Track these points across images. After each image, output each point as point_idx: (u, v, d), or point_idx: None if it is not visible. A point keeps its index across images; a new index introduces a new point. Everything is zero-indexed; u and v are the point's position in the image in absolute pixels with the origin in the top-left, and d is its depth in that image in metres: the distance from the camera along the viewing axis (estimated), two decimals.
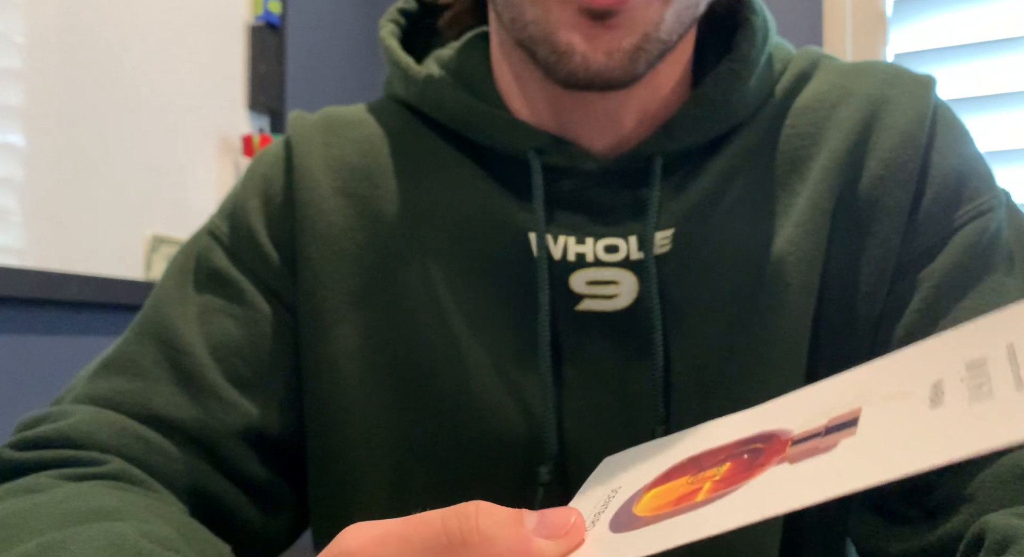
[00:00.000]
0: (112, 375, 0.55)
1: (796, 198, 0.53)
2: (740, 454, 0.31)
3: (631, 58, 0.48)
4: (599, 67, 0.48)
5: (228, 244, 0.58)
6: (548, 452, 0.52)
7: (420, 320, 0.54)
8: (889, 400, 0.28)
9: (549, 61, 0.49)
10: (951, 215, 0.53)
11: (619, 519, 0.31)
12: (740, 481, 0.28)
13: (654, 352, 0.52)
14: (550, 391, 0.52)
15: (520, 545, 0.28)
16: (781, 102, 0.56)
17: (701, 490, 0.29)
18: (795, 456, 0.28)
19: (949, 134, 0.55)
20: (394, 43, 0.60)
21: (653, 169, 0.53)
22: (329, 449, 0.56)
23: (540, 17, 0.49)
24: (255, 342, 0.56)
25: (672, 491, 0.31)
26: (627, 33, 0.48)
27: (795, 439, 0.29)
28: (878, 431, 0.26)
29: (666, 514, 0.29)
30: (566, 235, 0.53)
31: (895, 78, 0.56)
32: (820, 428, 0.29)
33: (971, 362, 0.26)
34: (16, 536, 0.40)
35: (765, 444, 0.30)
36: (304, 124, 0.60)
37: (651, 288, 0.52)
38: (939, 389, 0.26)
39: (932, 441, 0.24)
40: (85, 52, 1.52)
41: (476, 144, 0.56)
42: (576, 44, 0.48)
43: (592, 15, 0.47)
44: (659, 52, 0.50)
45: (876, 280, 0.53)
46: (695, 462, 0.33)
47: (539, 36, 0.49)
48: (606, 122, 0.55)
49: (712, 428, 0.36)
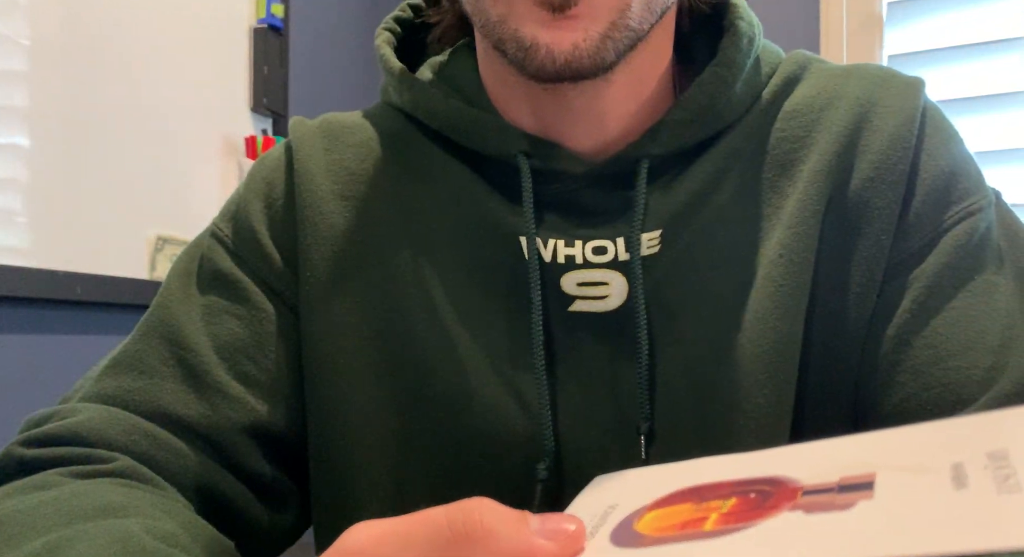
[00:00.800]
0: (119, 374, 0.55)
1: (786, 201, 0.54)
2: (746, 492, 0.30)
3: (597, 47, 0.49)
4: (566, 57, 0.48)
5: (231, 246, 0.59)
6: (545, 449, 0.52)
7: (417, 321, 0.55)
8: (906, 472, 0.27)
9: (518, 57, 0.50)
10: (941, 216, 0.53)
11: (620, 534, 0.31)
12: (751, 519, 0.28)
13: (640, 351, 0.52)
14: (545, 389, 0.53)
15: (522, 542, 0.28)
16: (769, 106, 0.56)
17: (708, 519, 0.29)
18: (808, 506, 0.27)
19: (938, 135, 0.55)
20: (388, 51, 0.61)
21: (639, 172, 0.54)
22: (329, 447, 0.57)
23: (504, 15, 0.49)
24: (260, 341, 0.57)
25: (676, 515, 0.31)
26: (591, 22, 0.48)
27: (806, 489, 0.29)
28: (899, 501, 0.26)
29: (673, 537, 0.29)
30: (555, 238, 0.54)
31: (884, 81, 0.56)
32: (832, 484, 0.28)
33: (993, 452, 0.26)
34: (24, 533, 0.41)
35: (773, 488, 0.30)
36: (304, 130, 0.61)
37: (637, 289, 0.52)
38: (961, 471, 0.26)
39: (963, 525, 0.23)
40: (89, 54, 1.53)
41: (468, 149, 0.57)
42: (539, 37, 0.48)
43: (551, 8, 0.48)
44: (629, 40, 0.50)
45: (867, 281, 0.53)
46: (696, 492, 0.32)
47: (506, 34, 0.50)
48: (589, 121, 0.55)
49: (711, 463, 0.35)
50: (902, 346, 0.52)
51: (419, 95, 0.58)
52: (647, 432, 0.52)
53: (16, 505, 0.44)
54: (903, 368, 0.52)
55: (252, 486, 0.56)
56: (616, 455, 0.53)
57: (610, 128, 0.55)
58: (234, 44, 1.87)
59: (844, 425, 0.54)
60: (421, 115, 0.58)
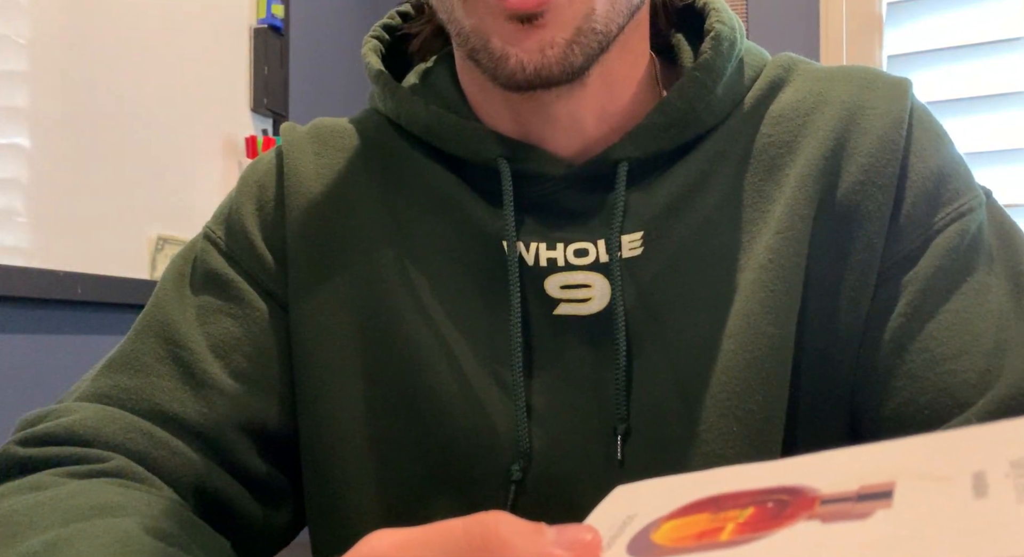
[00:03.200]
0: (115, 373, 0.56)
1: (773, 205, 0.54)
2: (764, 502, 0.30)
3: (564, 53, 0.49)
4: (535, 66, 0.49)
5: (224, 247, 0.60)
6: (520, 450, 0.53)
7: (401, 322, 0.56)
8: (926, 480, 0.27)
9: (490, 67, 0.51)
10: (931, 218, 0.53)
11: (637, 544, 0.31)
12: (767, 528, 0.28)
13: (618, 352, 0.52)
14: (521, 391, 0.53)
15: (539, 553, 0.28)
16: (754, 109, 0.56)
17: (724, 529, 0.29)
18: (826, 516, 0.27)
19: (926, 137, 0.55)
20: (374, 58, 0.62)
21: (619, 174, 0.54)
22: (317, 444, 0.57)
23: (476, 26, 0.50)
24: (254, 339, 0.58)
25: (693, 525, 0.31)
26: (558, 30, 0.49)
27: (824, 498, 0.29)
28: (918, 510, 0.26)
29: (689, 547, 0.29)
30: (537, 241, 0.54)
31: (870, 83, 0.56)
32: (851, 493, 0.28)
33: (1016, 460, 0.26)
34: (21, 533, 0.41)
35: (791, 497, 0.30)
36: (295, 135, 0.63)
37: (617, 290, 0.52)
38: (982, 480, 0.25)
39: (980, 533, 0.23)
40: (89, 54, 1.53)
41: (450, 154, 0.57)
42: (508, 48, 0.49)
43: (519, 19, 0.48)
44: (597, 43, 0.50)
45: (860, 285, 0.53)
46: (714, 502, 0.32)
47: (478, 45, 0.50)
48: (567, 124, 0.55)
49: (730, 473, 0.35)
50: (897, 350, 0.52)
51: (401, 102, 0.59)
52: (624, 433, 0.52)
53: (13, 505, 0.44)
54: (899, 373, 0.52)
55: (248, 483, 0.57)
56: (594, 457, 0.53)
57: (589, 130, 0.56)
58: (234, 44, 1.88)
59: (839, 429, 0.54)
60: (403, 121, 0.59)
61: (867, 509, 0.27)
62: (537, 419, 0.54)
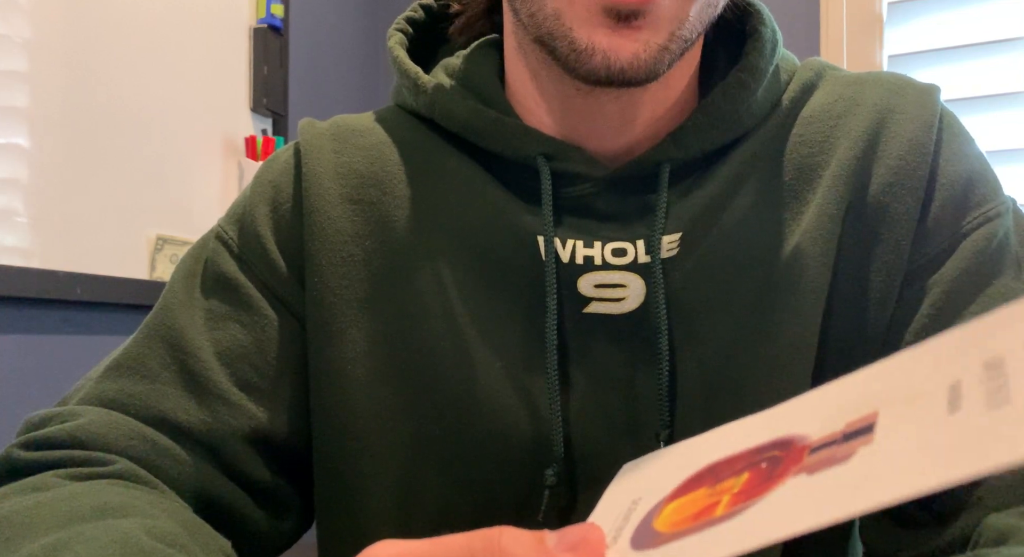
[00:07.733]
0: (120, 376, 0.55)
1: (805, 205, 0.54)
2: (758, 463, 0.30)
3: (656, 58, 0.48)
4: (622, 66, 0.47)
5: (236, 250, 0.59)
6: (554, 454, 0.52)
7: (429, 324, 0.55)
8: (906, 403, 0.27)
9: (568, 58, 0.48)
10: (959, 221, 0.53)
11: (640, 535, 0.31)
12: (760, 493, 0.28)
13: (660, 356, 0.52)
14: (556, 393, 0.52)
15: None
16: (788, 111, 0.56)
17: (720, 503, 0.29)
18: (813, 466, 0.27)
19: (955, 141, 0.55)
20: (402, 53, 0.61)
21: (661, 176, 0.53)
22: (337, 453, 0.56)
23: (560, 11, 0.48)
24: (262, 348, 0.57)
25: (691, 504, 0.31)
26: (653, 33, 0.47)
27: (813, 446, 0.29)
28: (895, 441, 0.25)
29: (686, 530, 0.29)
30: (574, 238, 0.53)
31: (900, 88, 0.56)
32: (838, 434, 0.28)
33: (989, 361, 0.25)
34: (22, 535, 0.41)
35: (783, 452, 0.30)
36: (314, 132, 0.61)
37: (657, 291, 0.52)
38: (957, 391, 0.25)
39: (950, 454, 0.23)
40: (89, 54, 1.53)
41: (484, 151, 0.56)
42: (598, 43, 0.47)
43: (617, 15, 0.46)
44: (681, 50, 0.50)
45: (886, 286, 0.53)
46: (712, 472, 0.32)
47: (559, 32, 0.48)
48: (617, 124, 0.54)
49: (727, 432, 0.35)
50: None
51: (436, 97, 0.58)
52: (667, 439, 0.52)
53: (14, 506, 0.44)
54: None
55: (252, 493, 0.56)
56: (628, 460, 0.53)
57: (636, 132, 0.55)
58: (234, 44, 1.88)
59: None
60: (438, 117, 0.58)
61: (849, 450, 0.27)
62: (570, 422, 0.53)
